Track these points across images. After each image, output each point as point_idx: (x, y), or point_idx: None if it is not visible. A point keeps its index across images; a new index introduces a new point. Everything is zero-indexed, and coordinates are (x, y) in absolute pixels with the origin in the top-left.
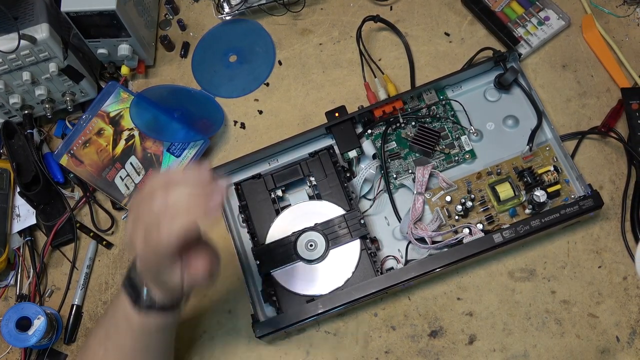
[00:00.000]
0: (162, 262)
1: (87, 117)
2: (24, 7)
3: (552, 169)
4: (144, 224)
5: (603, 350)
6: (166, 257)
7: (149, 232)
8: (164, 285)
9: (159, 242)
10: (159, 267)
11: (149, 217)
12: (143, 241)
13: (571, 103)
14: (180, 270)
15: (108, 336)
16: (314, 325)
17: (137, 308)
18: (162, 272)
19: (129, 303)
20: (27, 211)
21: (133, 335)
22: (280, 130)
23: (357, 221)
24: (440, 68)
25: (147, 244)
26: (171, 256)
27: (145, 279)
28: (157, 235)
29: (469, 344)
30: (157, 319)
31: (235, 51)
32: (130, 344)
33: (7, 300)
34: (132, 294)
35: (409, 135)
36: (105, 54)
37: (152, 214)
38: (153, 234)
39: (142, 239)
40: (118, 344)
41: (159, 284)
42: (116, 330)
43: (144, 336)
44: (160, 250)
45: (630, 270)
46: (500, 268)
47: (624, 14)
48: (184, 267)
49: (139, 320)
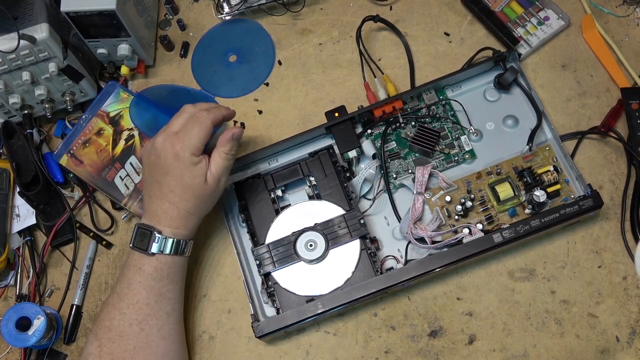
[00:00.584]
0: (188, 167)
1: (86, 117)
2: (23, 7)
3: (551, 169)
4: (162, 150)
5: (603, 350)
6: (191, 161)
7: (169, 154)
8: (190, 193)
9: (181, 153)
10: (184, 175)
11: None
12: (166, 164)
13: (571, 103)
14: (206, 161)
15: (121, 297)
16: (314, 325)
17: (149, 254)
18: (189, 175)
19: (140, 254)
20: (26, 211)
21: (146, 286)
22: (280, 130)
23: (356, 221)
24: (440, 68)
25: (172, 164)
26: (196, 158)
27: (163, 210)
28: (180, 149)
29: (469, 344)
30: (168, 262)
31: (235, 51)
32: (144, 296)
33: (7, 300)
34: (142, 245)
35: (408, 135)
36: (105, 54)
37: (169, 141)
38: (175, 154)
39: (164, 166)
40: (132, 301)
41: (184, 197)
42: (129, 288)
43: (157, 284)
44: (185, 157)
45: (630, 270)
46: (500, 268)
47: (624, 14)
48: (213, 155)
49: (151, 265)
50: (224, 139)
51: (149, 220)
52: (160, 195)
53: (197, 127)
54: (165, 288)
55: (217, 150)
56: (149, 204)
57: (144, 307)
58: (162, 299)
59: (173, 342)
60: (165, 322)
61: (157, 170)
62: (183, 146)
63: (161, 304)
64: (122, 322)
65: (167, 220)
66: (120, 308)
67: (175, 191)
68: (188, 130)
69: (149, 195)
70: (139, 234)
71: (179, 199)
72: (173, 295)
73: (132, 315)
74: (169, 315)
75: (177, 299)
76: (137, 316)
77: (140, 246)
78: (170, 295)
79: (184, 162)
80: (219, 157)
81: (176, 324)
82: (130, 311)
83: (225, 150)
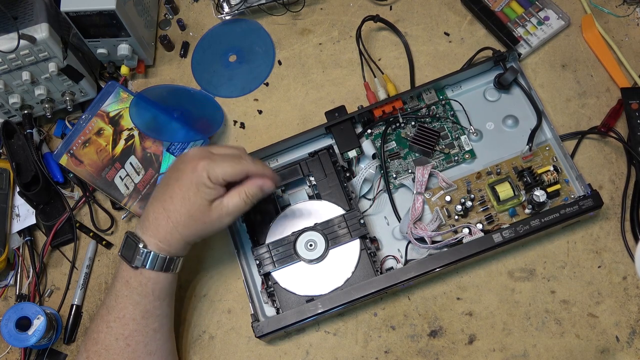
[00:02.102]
0: (198, 185)
1: (86, 117)
2: (23, 7)
3: (551, 169)
4: (188, 166)
5: (603, 350)
6: (204, 182)
7: (191, 170)
8: (186, 208)
9: (201, 170)
10: (190, 189)
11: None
12: (184, 183)
13: (571, 103)
14: (220, 191)
15: (109, 310)
16: (314, 325)
17: (133, 266)
18: (194, 192)
19: (126, 265)
20: (26, 211)
21: (132, 301)
22: (280, 130)
23: (356, 221)
24: (439, 68)
25: (190, 183)
26: (211, 183)
27: (158, 227)
28: (205, 172)
29: (469, 343)
30: (152, 277)
31: (235, 51)
32: (130, 311)
33: (7, 300)
34: (128, 255)
35: (408, 135)
36: (104, 54)
37: (198, 161)
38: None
39: (183, 182)
40: (118, 315)
41: (179, 209)
42: (116, 301)
43: (143, 300)
44: (202, 176)
45: (630, 270)
46: (500, 268)
47: (624, 14)
48: (234, 190)
49: (137, 280)
50: (255, 183)
51: (141, 226)
52: (161, 198)
53: (233, 163)
54: (152, 305)
55: (241, 189)
56: (148, 206)
57: (130, 323)
58: (148, 316)
59: (160, 357)
60: (152, 338)
61: (172, 174)
62: (207, 166)
63: (148, 320)
64: (109, 335)
65: (153, 230)
66: (107, 321)
67: (174, 199)
68: (223, 159)
69: (153, 196)
70: (127, 243)
71: (173, 209)
72: (161, 312)
73: (118, 330)
74: (156, 332)
75: (165, 314)
76: (123, 331)
77: (125, 256)
78: (157, 312)
79: (197, 178)
80: (238, 196)
81: (164, 340)
82: (116, 325)
83: (249, 193)
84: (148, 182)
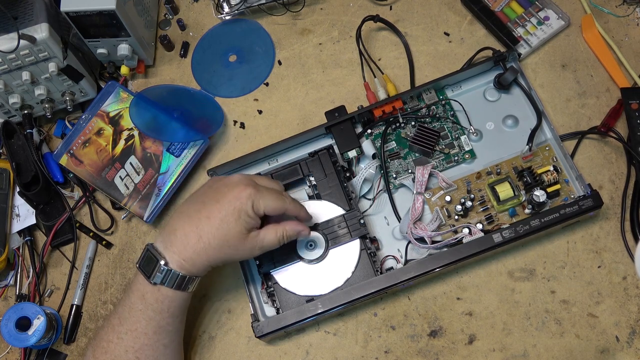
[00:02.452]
0: (239, 214)
1: (86, 117)
2: (23, 7)
3: (551, 169)
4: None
5: (603, 350)
6: (246, 212)
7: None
8: (223, 232)
9: (245, 200)
10: (230, 216)
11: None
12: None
13: (571, 103)
14: (257, 224)
15: (121, 321)
16: (314, 325)
17: (152, 282)
18: (235, 219)
19: (143, 278)
20: (26, 211)
21: (146, 316)
22: (280, 130)
23: (356, 221)
24: (439, 68)
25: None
26: (253, 213)
27: (183, 244)
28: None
29: (469, 343)
30: (169, 295)
31: (235, 51)
32: (143, 325)
33: (7, 300)
34: (148, 270)
35: (408, 135)
36: (104, 54)
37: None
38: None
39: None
40: (131, 328)
41: (215, 232)
42: (130, 314)
43: (157, 316)
44: (245, 205)
45: (630, 270)
46: (500, 268)
47: (624, 14)
48: (272, 227)
49: (153, 296)
50: (296, 228)
51: (163, 239)
52: (195, 217)
53: (276, 198)
54: (165, 321)
55: (280, 228)
56: (175, 220)
57: (141, 337)
58: (160, 332)
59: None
60: (161, 353)
61: (211, 195)
62: (252, 195)
63: (159, 336)
64: (119, 347)
65: (179, 247)
66: (119, 332)
67: (211, 220)
68: (268, 192)
69: (181, 212)
70: (147, 257)
71: (208, 230)
72: (173, 328)
73: (129, 342)
74: (166, 347)
75: (176, 331)
76: (134, 344)
77: (145, 270)
78: (170, 329)
79: (241, 205)
80: (275, 234)
81: (172, 356)
82: (128, 337)
83: (286, 235)
84: (148, 182)
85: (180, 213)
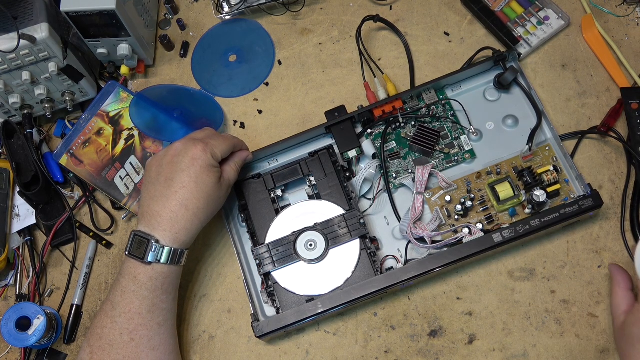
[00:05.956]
0: (207, 168)
1: (86, 117)
2: (23, 7)
3: (551, 169)
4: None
5: (603, 350)
6: (210, 163)
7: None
8: (204, 190)
9: (202, 155)
10: (201, 174)
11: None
12: (182, 168)
13: (571, 103)
14: (223, 174)
15: (114, 306)
16: (314, 325)
17: (146, 262)
18: (207, 174)
19: (136, 262)
20: (26, 211)
21: (140, 295)
22: (280, 130)
23: (356, 221)
24: (439, 68)
25: (187, 167)
26: (215, 162)
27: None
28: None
29: (469, 343)
30: (164, 271)
31: (235, 51)
32: (136, 305)
33: (7, 300)
34: (140, 252)
35: (408, 135)
36: (104, 54)
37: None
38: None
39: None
40: (124, 310)
41: (197, 195)
42: (122, 297)
43: (150, 294)
44: (206, 159)
45: (630, 270)
46: (500, 268)
47: (624, 14)
48: (227, 165)
49: (146, 275)
50: (241, 156)
51: (147, 224)
52: (168, 193)
53: (221, 139)
54: (159, 299)
55: (232, 163)
56: (150, 206)
57: (135, 317)
58: (154, 310)
59: (163, 353)
60: (156, 332)
61: (169, 169)
62: (205, 150)
63: (153, 314)
64: (113, 330)
65: (168, 224)
66: (112, 316)
67: (188, 187)
68: (212, 138)
69: (151, 197)
70: (136, 242)
71: (190, 196)
72: (166, 305)
73: (123, 325)
74: (161, 326)
75: (169, 309)
76: (128, 326)
77: (136, 254)
78: (163, 306)
79: (203, 162)
80: (230, 169)
81: (167, 335)
82: (122, 320)
83: (238, 165)
84: None
85: (152, 198)
